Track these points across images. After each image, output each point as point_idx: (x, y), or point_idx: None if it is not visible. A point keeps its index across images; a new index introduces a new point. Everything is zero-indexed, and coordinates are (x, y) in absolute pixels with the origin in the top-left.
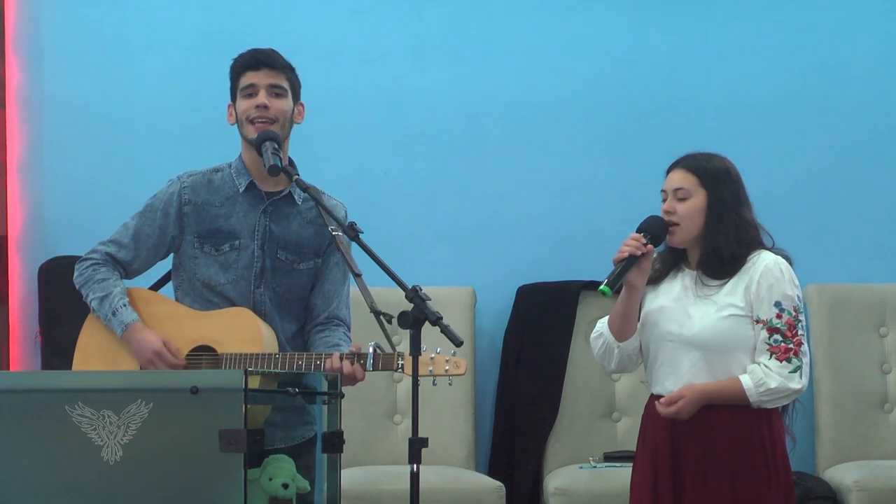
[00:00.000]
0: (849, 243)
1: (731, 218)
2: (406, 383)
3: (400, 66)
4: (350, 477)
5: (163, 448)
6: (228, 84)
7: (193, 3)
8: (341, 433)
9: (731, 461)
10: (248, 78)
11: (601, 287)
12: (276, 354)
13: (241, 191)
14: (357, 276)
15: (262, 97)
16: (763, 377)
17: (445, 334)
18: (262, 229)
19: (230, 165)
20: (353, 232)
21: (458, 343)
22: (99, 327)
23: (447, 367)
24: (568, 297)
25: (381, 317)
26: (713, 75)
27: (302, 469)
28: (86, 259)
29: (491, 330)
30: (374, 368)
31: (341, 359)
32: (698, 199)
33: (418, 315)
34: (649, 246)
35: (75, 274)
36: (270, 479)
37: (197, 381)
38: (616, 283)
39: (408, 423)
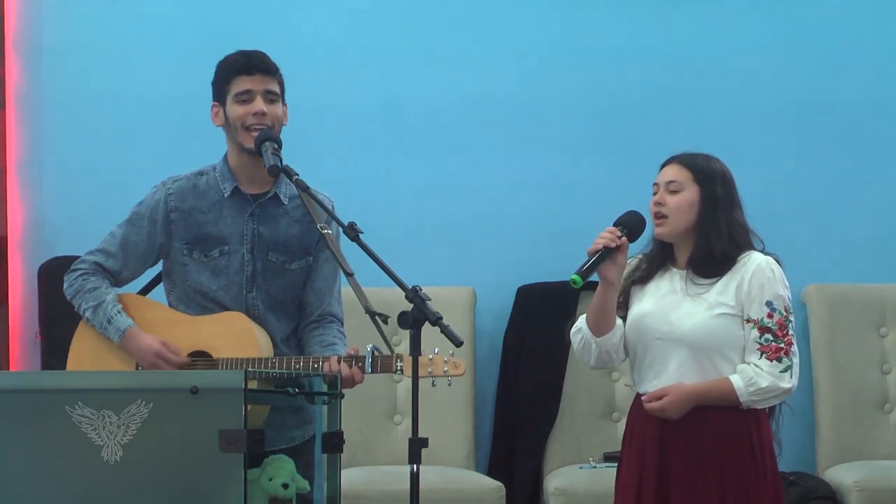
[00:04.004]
0: (849, 243)
1: (724, 217)
2: (406, 383)
3: (400, 66)
4: (350, 477)
5: (163, 448)
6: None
7: (193, 3)
8: (341, 433)
9: (721, 462)
10: (243, 83)
11: (571, 276)
12: (272, 359)
13: (226, 195)
14: (349, 275)
15: (259, 104)
16: (753, 377)
17: (445, 334)
18: (251, 233)
19: (215, 168)
20: (353, 232)
21: (458, 343)
22: (91, 334)
23: (445, 368)
24: (568, 297)
25: (377, 317)
26: (713, 75)
27: (301, 469)
28: (75, 269)
29: (491, 330)
30: (373, 371)
31: (339, 362)
32: (690, 194)
33: (418, 315)
34: (624, 239)
35: (65, 285)
36: (270, 479)
37: (197, 381)
38: (587, 273)
39: (408, 423)
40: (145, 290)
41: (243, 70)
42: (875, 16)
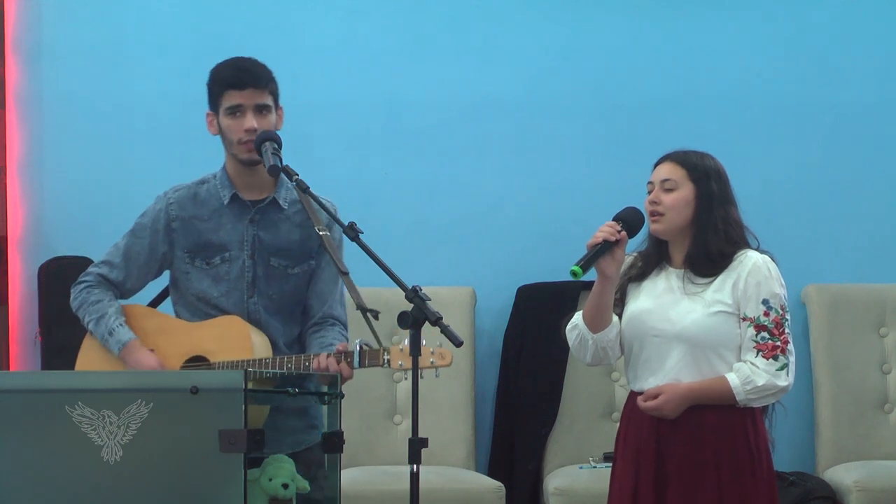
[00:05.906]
0: (849, 243)
1: (720, 214)
2: (406, 384)
3: (400, 66)
4: (350, 477)
5: (163, 448)
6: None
7: (193, 3)
8: (341, 433)
9: (717, 461)
10: (233, 97)
11: (572, 267)
12: (266, 359)
13: (225, 203)
14: (343, 274)
15: (250, 120)
16: (750, 375)
17: (445, 334)
18: (251, 239)
19: (215, 176)
20: (353, 232)
21: (458, 343)
22: (96, 346)
23: (432, 360)
24: (568, 297)
25: (368, 313)
26: (713, 75)
27: (302, 470)
28: (80, 282)
29: (491, 330)
30: (361, 365)
31: (328, 358)
32: (685, 192)
33: (418, 315)
34: (623, 234)
35: (71, 297)
36: (270, 480)
37: (197, 381)
38: (588, 265)
39: (408, 423)
40: (155, 303)
41: (233, 84)
42: (874, 17)
